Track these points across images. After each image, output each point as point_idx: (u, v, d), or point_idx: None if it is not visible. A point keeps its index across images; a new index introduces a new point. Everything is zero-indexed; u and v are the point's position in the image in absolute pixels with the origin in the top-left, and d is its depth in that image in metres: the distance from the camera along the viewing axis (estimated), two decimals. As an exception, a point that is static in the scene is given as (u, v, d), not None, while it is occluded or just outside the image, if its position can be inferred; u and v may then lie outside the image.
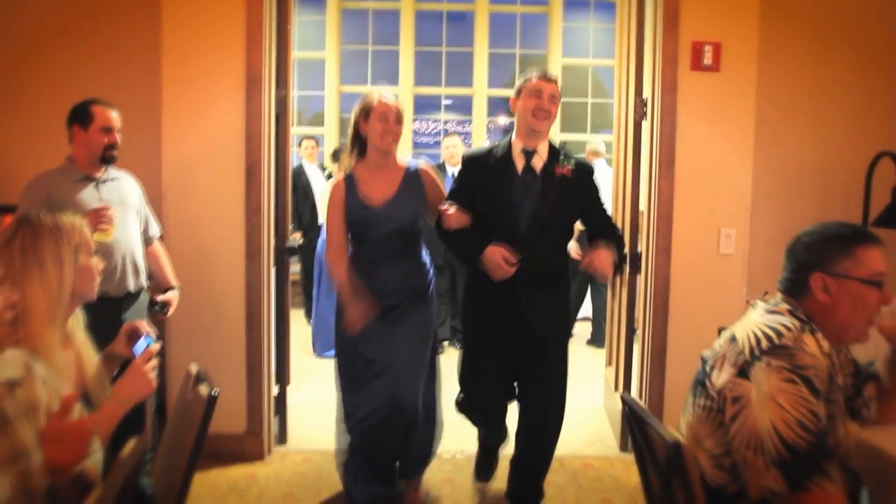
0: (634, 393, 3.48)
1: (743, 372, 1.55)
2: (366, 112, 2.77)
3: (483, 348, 2.81)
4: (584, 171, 2.77)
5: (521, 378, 2.85)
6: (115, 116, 2.82)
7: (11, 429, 1.29)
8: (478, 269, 2.67)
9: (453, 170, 5.32)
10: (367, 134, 2.79)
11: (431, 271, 2.92)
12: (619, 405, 3.56)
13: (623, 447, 3.47)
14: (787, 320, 1.60)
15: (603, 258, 2.58)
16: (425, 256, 2.92)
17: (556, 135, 7.61)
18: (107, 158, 2.82)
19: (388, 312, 2.78)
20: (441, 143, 5.94)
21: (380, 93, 2.80)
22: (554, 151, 2.75)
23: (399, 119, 2.76)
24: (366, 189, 2.80)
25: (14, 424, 1.30)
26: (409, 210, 2.80)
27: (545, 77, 2.70)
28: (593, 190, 2.80)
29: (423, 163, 2.90)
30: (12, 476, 1.28)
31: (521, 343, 2.74)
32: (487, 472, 3.09)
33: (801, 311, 1.63)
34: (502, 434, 3.02)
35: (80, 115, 2.78)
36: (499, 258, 2.60)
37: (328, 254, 2.84)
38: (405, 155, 2.94)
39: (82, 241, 1.69)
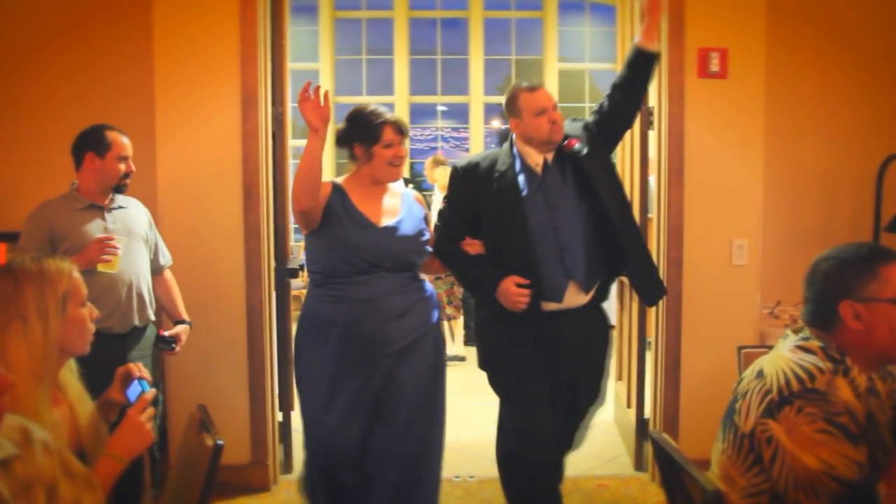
0: (648, 408, 3.39)
1: (770, 412, 1.47)
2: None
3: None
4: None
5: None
6: (129, 144, 2.70)
7: None
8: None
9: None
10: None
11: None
12: (632, 421, 3.47)
13: (638, 466, 3.37)
14: (820, 361, 1.50)
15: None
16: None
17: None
18: (120, 187, 2.71)
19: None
20: None
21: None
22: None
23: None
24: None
25: None
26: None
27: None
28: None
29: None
30: None
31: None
32: None
33: (833, 345, 1.54)
34: None
35: (96, 143, 2.62)
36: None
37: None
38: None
39: (71, 289, 1.53)
